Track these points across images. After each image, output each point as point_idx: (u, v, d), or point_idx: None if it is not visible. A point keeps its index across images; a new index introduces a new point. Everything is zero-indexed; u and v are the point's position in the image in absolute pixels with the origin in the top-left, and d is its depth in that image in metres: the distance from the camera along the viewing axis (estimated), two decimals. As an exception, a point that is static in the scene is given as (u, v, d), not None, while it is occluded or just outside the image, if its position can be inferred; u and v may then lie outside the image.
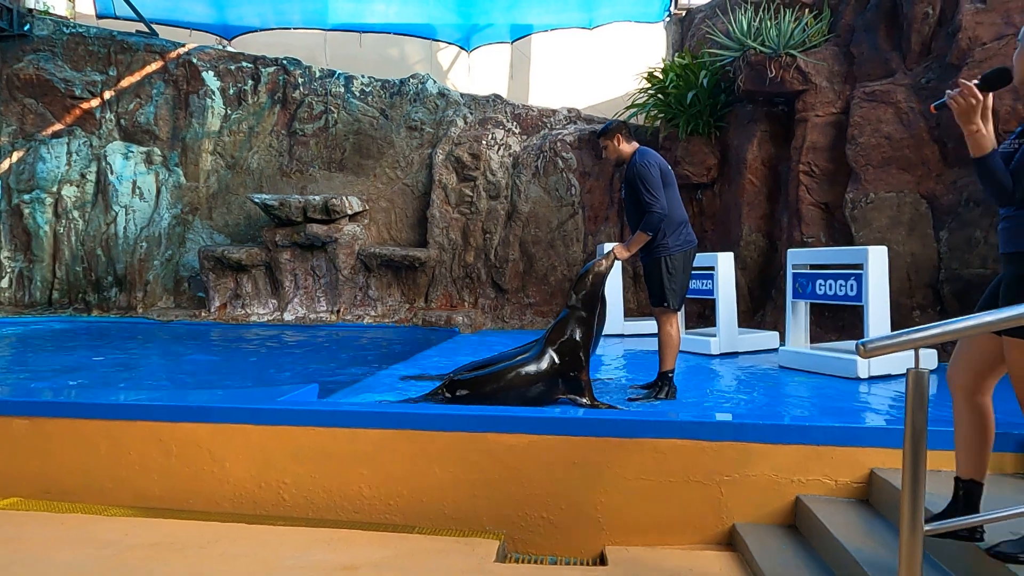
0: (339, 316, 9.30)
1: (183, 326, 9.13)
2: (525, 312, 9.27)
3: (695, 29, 9.18)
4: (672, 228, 4.21)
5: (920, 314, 5.92)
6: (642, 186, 4.09)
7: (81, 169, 10.18)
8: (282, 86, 10.35)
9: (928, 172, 6.02)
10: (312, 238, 9.27)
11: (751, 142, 7.63)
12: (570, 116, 10.08)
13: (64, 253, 10.13)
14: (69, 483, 3.62)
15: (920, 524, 1.79)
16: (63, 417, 3.67)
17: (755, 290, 7.75)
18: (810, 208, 6.89)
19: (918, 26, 6.17)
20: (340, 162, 10.22)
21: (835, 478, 3.09)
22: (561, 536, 3.25)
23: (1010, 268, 2.15)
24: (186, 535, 3.08)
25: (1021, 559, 2.07)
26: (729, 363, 5.76)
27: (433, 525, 3.31)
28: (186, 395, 4.41)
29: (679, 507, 3.17)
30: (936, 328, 1.85)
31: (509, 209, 9.49)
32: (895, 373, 4.80)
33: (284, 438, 3.46)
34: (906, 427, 1.80)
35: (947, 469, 3.01)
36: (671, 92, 8.26)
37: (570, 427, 3.26)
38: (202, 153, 10.32)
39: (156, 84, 10.41)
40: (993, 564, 2.12)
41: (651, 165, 4.14)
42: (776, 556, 2.79)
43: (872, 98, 6.33)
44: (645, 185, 4.08)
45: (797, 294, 5.43)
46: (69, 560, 2.80)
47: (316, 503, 3.42)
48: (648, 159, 4.19)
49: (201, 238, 10.24)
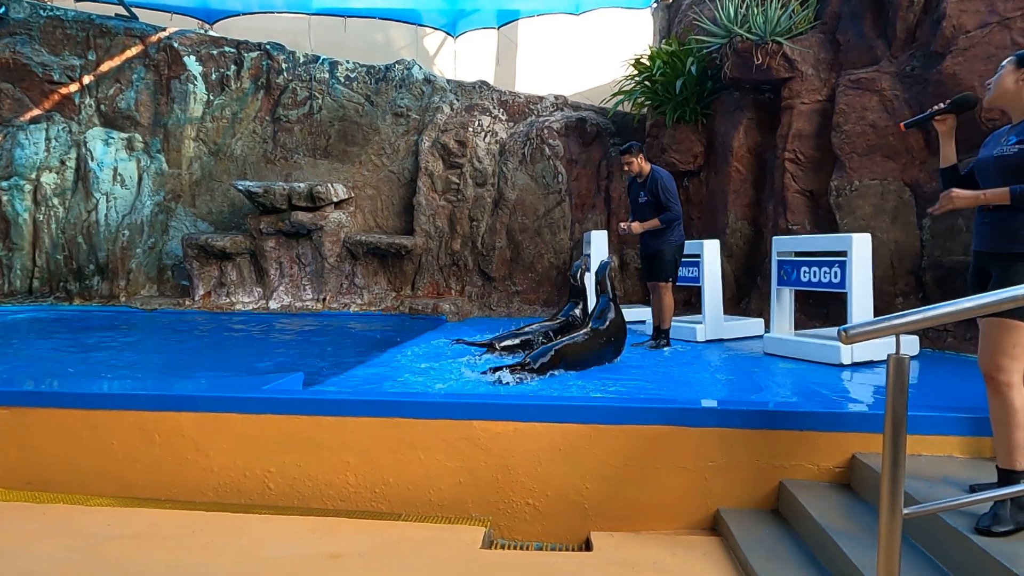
0: (325, 304, 9.25)
1: (167, 315, 9.05)
2: (512, 300, 9.26)
3: (682, 15, 9.14)
4: (678, 224, 5.65)
5: (903, 301, 5.98)
6: (668, 196, 5.52)
7: (60, 155, 10.01)
8: (265, 71, 10.22)
9: (912, 160, 6.06)
10: (297, 226, 9.20)
11: (737, 129, 7.64)
12: (557, 103, 10.04)
13: (44, 241, 9.98)
14: (51, 473, 3.59)
15: (899, 507, 1.81)
16: (45, 407, 3.63)
17: (741, 277, 7.79)
18: (795, 196, 6.92)
19: (903, 14, 6.18)
20: (325, 149, 10.13)
21: (818, 463, 3.13)
22: (547, 522, 3.27)
23: (997, 266, 2.43)
24: (170, 525, 3.07)
25: (994, 531, 2.17)
26: (715, 350, 5.80)
27: (419, 512, 3.32)
28: (170, 384, 4.37)
29: (664, 493, 3.20)
30: (915, 315, 1.87)
31: (496, 196, 9.46)
32: (878, 359, 4.85)
33: (269, 427, 3.44)
34: (886, 412, 1.82)
35: (927, 453, 3.06)
36: (658, 79, 8.24)
37: (555, 414, 3.27)
38: (184, 139, 10.19)
39: (136, 69, 10.23)
40: (971, 546, 2.16)
41: (670, 179, 5.63)
42: (759, 540, 2.83)
43: (857, 86, 6.34)
44: (669, 195, 5.53)
45: (782, 281, 5.46)
46: (51, 551, 2.78)
47: (302, 492, 3.42)
48: (667, 175, 5.67)
49: (184, 226, 10.13)
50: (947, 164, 2.72)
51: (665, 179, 5.58)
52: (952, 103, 2.62)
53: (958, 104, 2.61)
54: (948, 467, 2.89)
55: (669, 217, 5.51)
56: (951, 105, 2.62)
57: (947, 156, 2.71)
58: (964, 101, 2.60)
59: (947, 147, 2.70)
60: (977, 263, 2.60)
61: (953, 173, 2.70)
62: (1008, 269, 2.37)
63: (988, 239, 2.49)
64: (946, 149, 2.70)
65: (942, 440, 3.06)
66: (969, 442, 3.05)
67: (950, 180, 2.69)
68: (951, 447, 3.06)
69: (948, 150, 2.70)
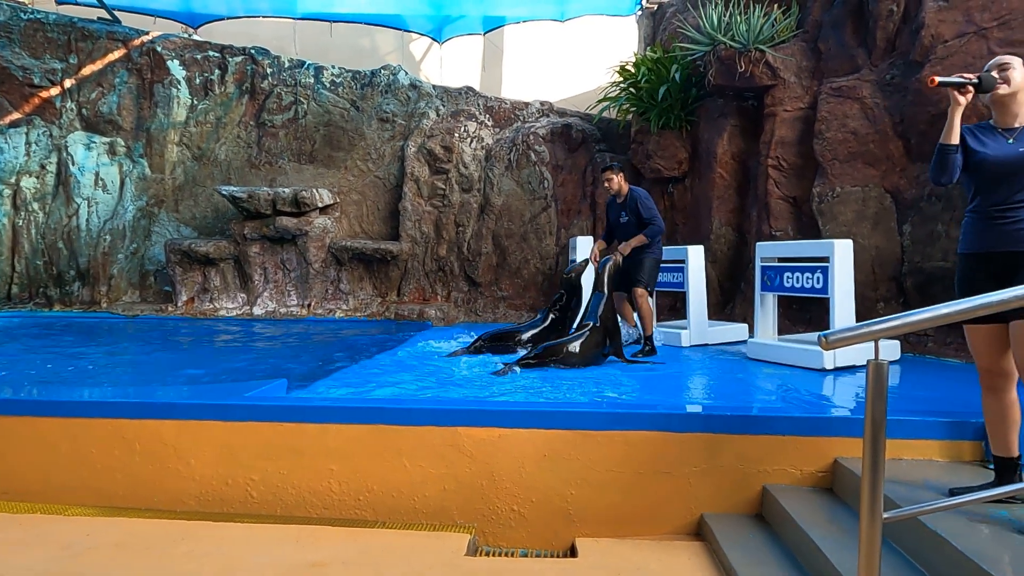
0: (310, 310, 9.20)
1: (149, 321, 8.94)
2: (498, 305, 9.26)
3: (666, 23, 9.22)
4: (659, 240, 5.89)
5: (884, 306, 6.05)
6: (650, 211, 5.74)
7: (41, 160, 9.89)
8: (250, 76, 10.16)
9: (892, 167, 6.14)
10: (282, 231, 9.14)
11: (721, 136, 7.71)
12: (543, 109, 10.07)
13: (24, 246, 9.84)
14: (28, 483, 3.53)
15: (879, 511, 1.83)
16: (21, 415, 3.58)
17: (725, 283, 7.85)
18: (778, 202, 6.99)
19: (883, 23, 6.27)
20: (310, 154, 10.08)
21: (800, 467, 3.15)
22: (532, 529, 3.26)
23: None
24: (150, 534, 3.03)
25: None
26: (699, 355, 5.82)
27: (404, 520, 3.30)
28: (150, 391, 4.31)
29: (648, 499, 3.21)
30: (894, 320, 1.89)
31: (482, 202, 9.47)
32: (860, 364, 4.89)
33: (252, 434, 3.41)
34: (866, 417, 1.84)
35: (908, 457, 3.09)
36: (643, 86, 8.29)
37: (540, 420, 3.27)
38: (168, 144, 10.10)
39: (119, 73, 10.13)
40: (950, 550, 2.18)
41: (649, 197, 5.88)
42: (742, 545, 2.84)
43: (839, 93, 6.43)
44: (652, 211, 5.75)
45: (765, 287, 5.50)
46: (28, 562, 2.73)
47: (285, 500, 3.39)
48: (646, 192, 5.93)
49: (167, 231, 10.03)
50: (954, 142, 2.55)
51: (644, 196, 5.82)
52: (980, 80, 2.51)
53: (983, 82, 2.51)
54: (928, 471, 2.92)
55: (653, 231, 5.68)
56: (978, 80, 2.51)
57: (957, 134, 2.56)
58: (987, 82, 2.51)
59: (958, 123, 2.55)
60: (993, 267, 2.51)
61: (955, 154, 2.56)
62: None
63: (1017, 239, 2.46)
64: (957, 125, 2.55)
65: (922, 444, 3.09)
66: (949, 446, 3.09)
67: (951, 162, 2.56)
68: (931, 451, 3.09)
69: (958, 128, 2.55)
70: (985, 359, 2.55)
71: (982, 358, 2.56)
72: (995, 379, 2.55)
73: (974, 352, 2.59)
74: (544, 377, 4.60)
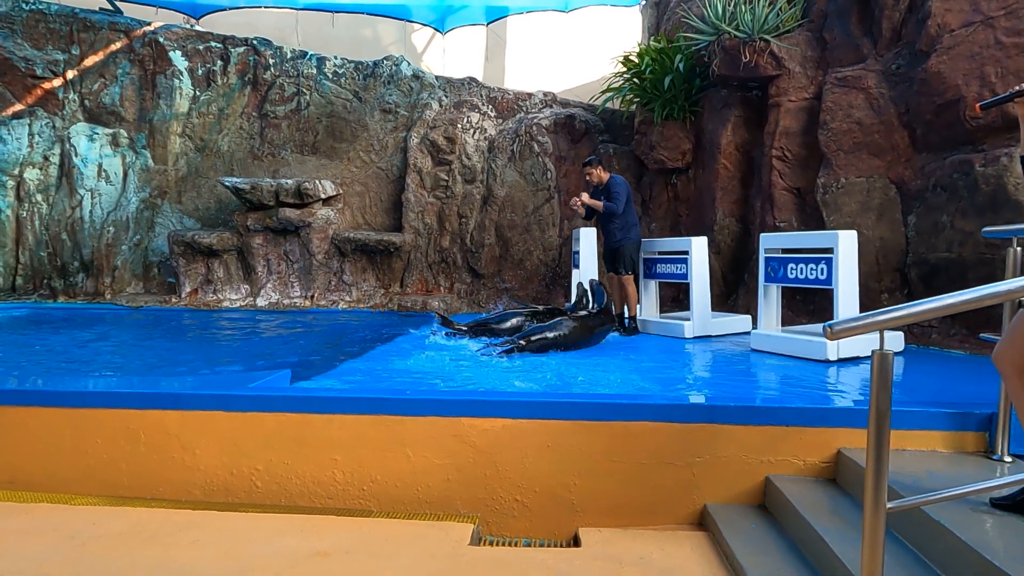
0: (313, 302, 9.21)
1: (153, 312, 8.96)
2: (501, 297, 9.26)
3: (671, 13, 9.16)
4: (632, 226, 6.58)
5: (888, 297, 6.03)
6: (614, 195, 6.40)
7: (44, 151, 9.89)
8: (252, 67, 10.14)
9: (897, 157, 6.11)
10: (285, 222, 9.14)
11: (725, 127, 7.67)
12: (546, 100, 10.03)
13: (28, 238, 9.86)
14: (34, 473, 3.55)
15: (883, 502, 1.83)
16: (27, 405, 3.59)
17: (728, 274, 7.83)
18: (782, 193, 6.96)
19: (888, 12, 6.22)
20: (313, 145, 10.07)
21: (804, 458, 3.15)
22: (535, 519, 3.27)
23: None
24: (155, 523, 3.04)
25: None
26: (702, 346, 5.82)
27: (408, 510, 3.31)
28: (155, 382, 4.33)
29: (651, 489, 3.21)
30: (899, 310, 1.88)
31: (485, 193, 9.45)
32: (864, 355, 4.89)
33: (256, 425, 3.42)
34: (870, 407, 1.84)
35: (911, 448, 3.09)
36: (647, 76, 8.25)
37: (543, 410, 3.27)
38: (170, 135, 10.09)
39: (121, 64, 10.12)
40: (953, 540, 2.18)
41: (622, 184, 6.52)
42: (745, 535, 2.84)
43: (844, 83, 6.38)
44: (617, 196, 6.41)
45: (769, 278, 5.49)
46: (34, 551, 2.75)
47: (289, 490, 3.40)
48: (622, 180, 6.58)
49: (170, 222, 10.04)
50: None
51: (617, 183, 6.49)
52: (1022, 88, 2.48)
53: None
54: (931, 461, 2.92)
55: (610, 207, 6.38)
56: (1020, 89, 2.48)
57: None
58: None
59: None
60: None
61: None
62: None
63: None
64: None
65: (926, 435, 3.09)
66: (952, 437, 3.08)
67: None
68: (935, 442, 3.09)
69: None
70: None
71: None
72: None
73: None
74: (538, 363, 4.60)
